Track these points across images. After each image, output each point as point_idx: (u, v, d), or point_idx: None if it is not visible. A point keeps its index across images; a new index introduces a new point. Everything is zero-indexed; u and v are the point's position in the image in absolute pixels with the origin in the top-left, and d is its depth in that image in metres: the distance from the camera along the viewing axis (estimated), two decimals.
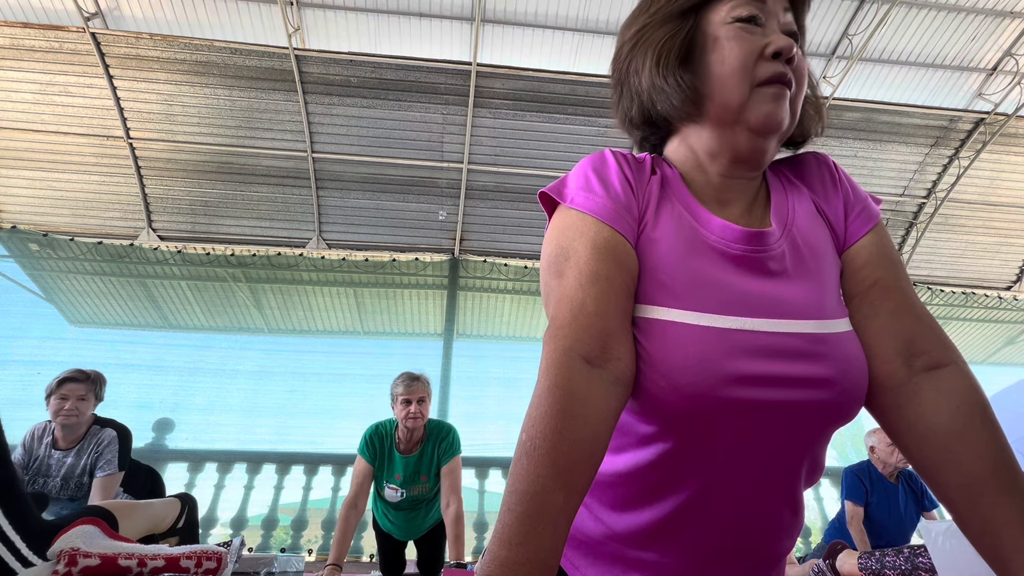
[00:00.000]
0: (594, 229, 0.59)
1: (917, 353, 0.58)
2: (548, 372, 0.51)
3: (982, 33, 5.92)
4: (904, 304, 0.60)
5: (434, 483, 2.76)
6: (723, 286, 0.58)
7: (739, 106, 0.60)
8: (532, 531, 0.45)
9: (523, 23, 5.73)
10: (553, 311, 0.56)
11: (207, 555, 1.25)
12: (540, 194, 0.69)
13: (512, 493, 0.46)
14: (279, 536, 4.59)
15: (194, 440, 5.13)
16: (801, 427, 0.57)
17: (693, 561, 0.60)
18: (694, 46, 0.63)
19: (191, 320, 7.02)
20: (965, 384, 0.56)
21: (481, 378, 6.25)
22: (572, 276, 0.56)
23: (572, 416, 0.49)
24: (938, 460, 0.55)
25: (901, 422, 0.58)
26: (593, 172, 0.65)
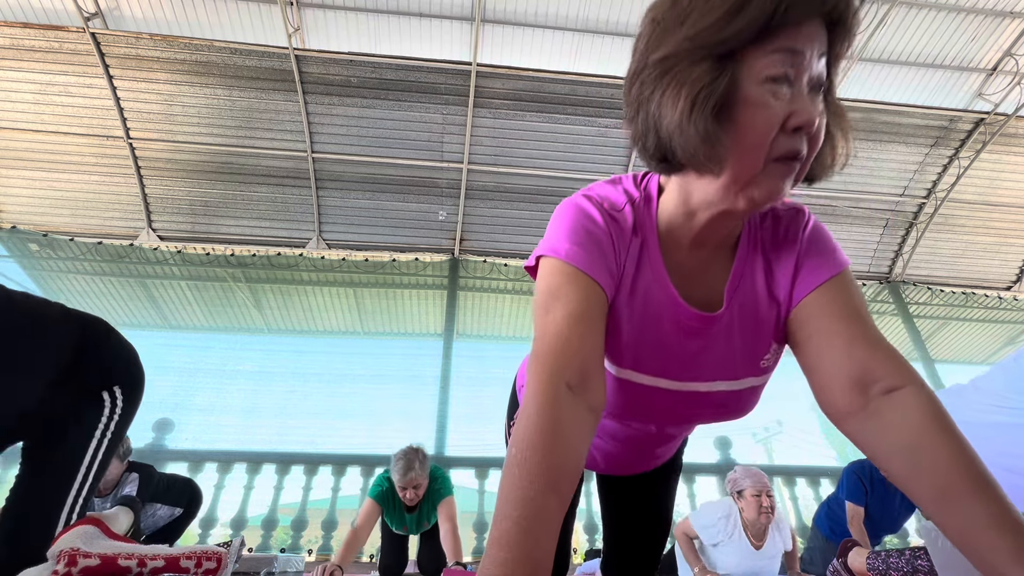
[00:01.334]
0: (579, 277, 0.68)
1: (873, 381, 0.65)
2: (536, 395, 0.58)
3: (982, 33, 5.92)
4: (855, 340, 0.68)
5: (435, 520, 2.93)
6: (669, 355, 0.78)
7: (751, 177, 0.62)
8: (529, 533, 0.49)
9: (523, 23, 5.73)
10: (539, 342, 0.64)
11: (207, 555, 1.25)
12: (527, 267, 0.78)
13: (507, 501, 0.51)
14: (279, 536, 4.59)
15: (194, 440, 5.13)
16: (695, 422, 0.97)
17: (615, 448, 1.05)
18: (726, 97, 0.59)
19: (191, 320, 7.02)
20: (922, 401, 0.62)
21: (481, 378, 6.24)
22: (559, 314, 0.65)
23: (559, 434, 0.55)
24: (908, 474, 0.60)
25: (869, 444, 0.65)
26: (580, 227, 0.72)
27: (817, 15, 0.57)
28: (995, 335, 7.84)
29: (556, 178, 6.62)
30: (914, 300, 7.42)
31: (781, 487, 5.16)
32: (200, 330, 7.06)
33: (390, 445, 5.29)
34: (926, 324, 7.41)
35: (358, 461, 4.91)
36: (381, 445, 5.34)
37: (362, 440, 5.47)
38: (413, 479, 2.70)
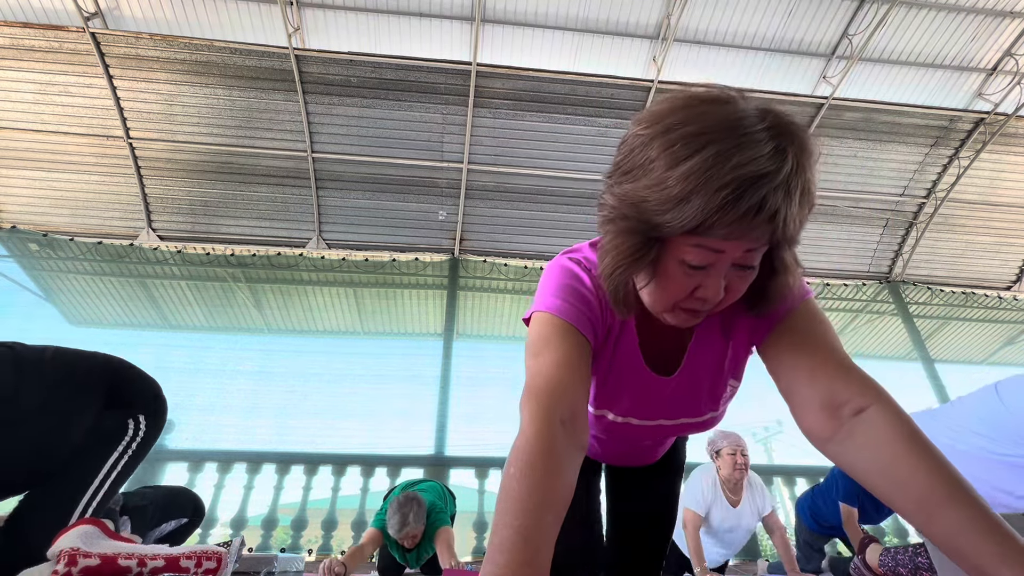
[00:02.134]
0: (568, 329, 0.76)
1: (840, 403, 0.70)
2: (534, 422, 0.63)
3: (982, 33, 5.92)
4: (819, 368, 0.73)
5: (433, 551, 2.98)
6: (639, 402, 0.94)
7: (658, 314, 0.75)
8: (529, 542, 0.52)
9: (523, 23, 5.73)
10: (532, 381, 0.70)
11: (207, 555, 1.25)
12: (523, 319, 0.86)
13: (508, 511, 0.55)
14: (279, 536, 4.59)
15: (194, 440, 5.13)
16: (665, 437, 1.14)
17: (607, 447, 1.16)
18: (647, 262, 0.68)
19: (191, 320, 7.01)
20: (889, 417, 0.65)
21: (481, 378, 6.24)
22: (550, 358, 0.72)
23: (556, 459, 0.61)
24: (887, 489, 0.63)
25: (849, 464, 0.69)
26: (568, 286, 0.81)
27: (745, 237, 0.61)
28: (995, 335, 7.84)
29: (556, 178, 6.62)
30: (914, 300, 7.42)
31: (781, 487, 5.16)
32: (200, 330, 7.06)
33: (390, 445, 5.33)
34: (926, 324, 7.41)
35: (358, 461, 4.91)
36: (381, 445, 5.34)
37: (362, 440, 5.47)
38: (408, 532, 2.75)
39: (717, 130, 0.57)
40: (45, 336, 6.46)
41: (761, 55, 6.03)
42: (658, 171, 0.60)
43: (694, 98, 0.61)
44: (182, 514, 2.88)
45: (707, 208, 0.57)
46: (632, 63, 6.03)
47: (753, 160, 0.55)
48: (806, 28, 5.85)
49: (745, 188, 0.55)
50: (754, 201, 0.56)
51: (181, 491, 3.06)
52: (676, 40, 5.81)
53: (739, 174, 0.55)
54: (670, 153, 0.59)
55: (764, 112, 0.59)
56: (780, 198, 0.57)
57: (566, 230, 6.97)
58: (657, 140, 0.60)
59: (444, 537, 2.83)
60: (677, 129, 0.59)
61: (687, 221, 0.59)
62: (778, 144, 0.57)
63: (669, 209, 0.60)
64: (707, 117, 0.58)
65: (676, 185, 0.58)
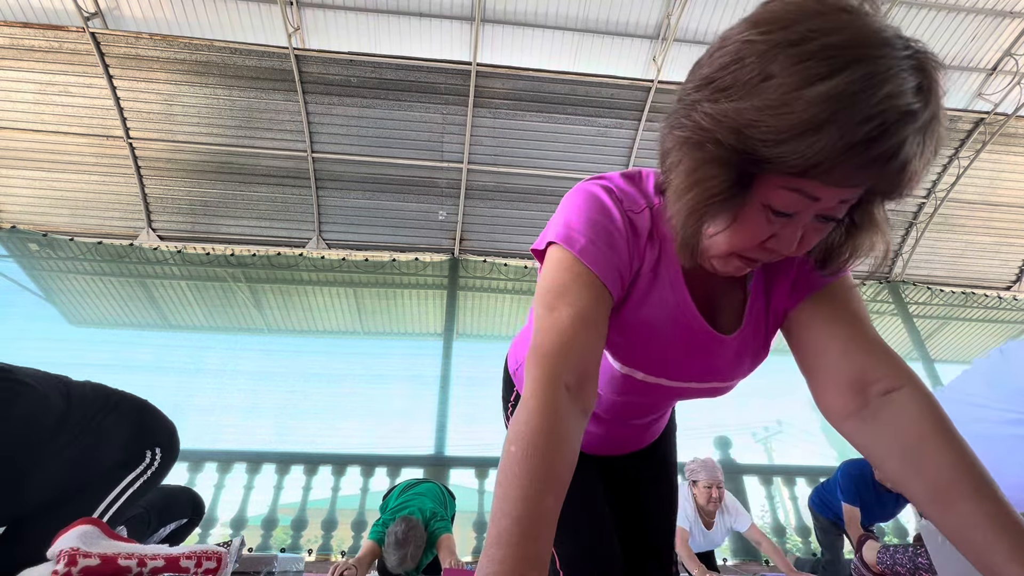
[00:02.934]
0: (590, 278, 0.67)
1: (871, 382, 0.66)
2: (537, 393, 0.58)
3: (982, 33, 5.92)
4: (851, 342, 0.68)
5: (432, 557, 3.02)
6: (673, 361, 0.81)
7: (715, 256, 0.66)
8: (528, 532, 0.49)
9: (523, 23, 5.73)
10: (542, 338, 0.63)
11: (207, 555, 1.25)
12: (534, 249, 0.78)
13: (506, 499, 0.51)
14: (279, 536, 4.59)
15: (194, 440, 5.13)
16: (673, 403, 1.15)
17: (604, 432, 1.08)
18: (742, 198, 0.59)
19: (191, 320, 7.02)
20: (919, 402, 0.62)
21: (481, 378, 6.24)
22: (565, 313, 0.64)
23: (559, 435, 0.56)
24: (905, 474, 0.61)
25: (867, 444, 0.66)
26: (597, 222, 0.70)
27: (858, 185, 0.54)
28: (995, 335, 7.84)
29: (556, 178, 6.62)
30: (914, 300, 7.42)
31: (781, 487, 5.15)
32: (200, 330, 7.06)
33: (390, 445, 5.33)
34: (926, 324, 7.41)
35: (358, 461, 4.91)
36: (381, 445, 5.34)
37: (362, 440, 5.48)
38: (407, 568, 2.77)
39: (865, 45, 0.47)
40: (45, 336, 6.48)
41: None
42: (781, 90, 0.48)
43: (827, 3, 0.50)
44: (181, 515, 2.88)
45: (840, 143, 0.47)
46: (632, 63, 6.03)
47: (902, 93, 0.46)
48: None
49: (890, 125, 0.47)
50: (894, 143, 0.47)
51: (179, 491, 3.05)
52: (676, 40, 5.81)
53: (888, 106, 0.46)
54: (803, 68, 0.47)
55: (903, 37, 0.50)
56: (917, 144, 0.49)
57: None
58: (784, 50, 0.48)
59: (447, 544, 2.85)
60: (815, 39, 0.47)
61: (806, 158, 0.49)
62: (921, 82, 0.48)
63: (788, 139, 0.49)
64: (851, 29, 0.48)
65: (806, 110, 0.47)
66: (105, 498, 1.56)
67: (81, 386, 1.58)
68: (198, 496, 3.04)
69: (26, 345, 6.31)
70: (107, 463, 1.59)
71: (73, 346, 6.62)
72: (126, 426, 1.65)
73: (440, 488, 3.34)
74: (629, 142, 6.45)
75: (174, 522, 2.83)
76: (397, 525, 2.77)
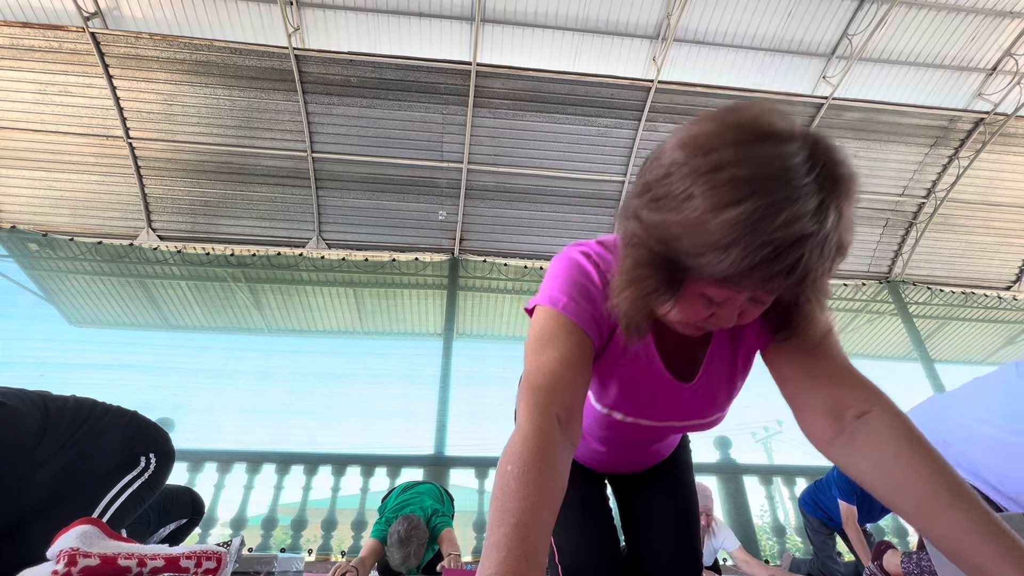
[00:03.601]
0: (572, 327, 0.76)
1: (844, 408, 0.72)
2: (531, 419, 0.65)
3: (982, 33, 5.92)
4: (821, 376, 0.75)
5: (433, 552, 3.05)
6: (651, 404, 0.93)
7: (672, 324, 0.74)
8: (526, 538, 0.53)
9: (523, 23, 5.73)
10: (532, 376, 0.71)
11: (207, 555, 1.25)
12: (525, 309, 0.87)
13: (504, 511, 0.56)
14: (279, 536, 4.59)
15: (194, 440, 5.14)
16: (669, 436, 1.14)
17: (611, 453, 1.15)
18: (673, 293, 0.67)
19: (191, 320, 7.02)
20: (889, 422, 0.67)
21: (481, 378, 6.25)
22: (554, 355, 0.72)
23: (551, 456, 0.62)
24: (889, 490, 0.65)
25: (852, 467, 0.70)
26: (576, 282, 0.80)
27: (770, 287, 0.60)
28: (995, 335, 7.84)
29: (556, 178, 6.62)
30: (914, 300, 7.42)
31: (781, 487, 5.16)
32: (200, 330, 7.06)
33: (390, 445, 5.33)
34: (926, 324, 7.41)
35: (358, 461, 4.90)
36: (381, 445, 5.34)
37: (362, 440, 5.48)
38: (409, 566, 2.78)
39: (768, 178, 0.53)
40: (47, 337, 6.48)
41: (761, 55, 6.03)
42: (698, 211, 0.56)
43: (744, 130, 0.56)
44: (181, 515, 2.88)
45: (744, 263, 0.55)
46: (632, 63, 6.03)
47: (798, 219, 0.53)
48: (806, 28, 5.86)
49: (784, 248, 0.54)
50: (790, 261, 0.55)
51: (179, 491, 3.05)
52: (676, 40, 5.81)
53: (783, 234, 0.53)
54: (716, 194, 0.54)
55: (814, 152, 0.55)
56: (815, 258, 0.56)
57: (566, 230, 6.97)
58: (702, 177, 0.56)
59: (448, 536, 2.88)
60: (726, 169, 0.54)
61: (719, 271, 0.56)
62: (824, 199, 0.54)
63: (703, 254, 0.57)
64: (758, 161, 0.54)
65: (717, 232, 0.54)
66: (102, 500, 1.61)
67: (62, 400, 1.64)
68: (198, 496, 3.03)
69: (26, 345, 6.31)
70: (100, 470, 1.65)
71: (73, 346, 6.63)
72: (116, 435, 1.70)
73: (439, 489, 3.34)
74: (629, 142, 6.45)
75: (174, 522, 2.84)
76: (400, 524, 2.78)
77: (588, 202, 6.84)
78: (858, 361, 0.80)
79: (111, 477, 1.66)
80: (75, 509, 1.52)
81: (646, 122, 6.27)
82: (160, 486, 1.90)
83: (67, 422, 1.58)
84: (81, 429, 1.60)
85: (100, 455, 1.64)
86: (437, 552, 2.98)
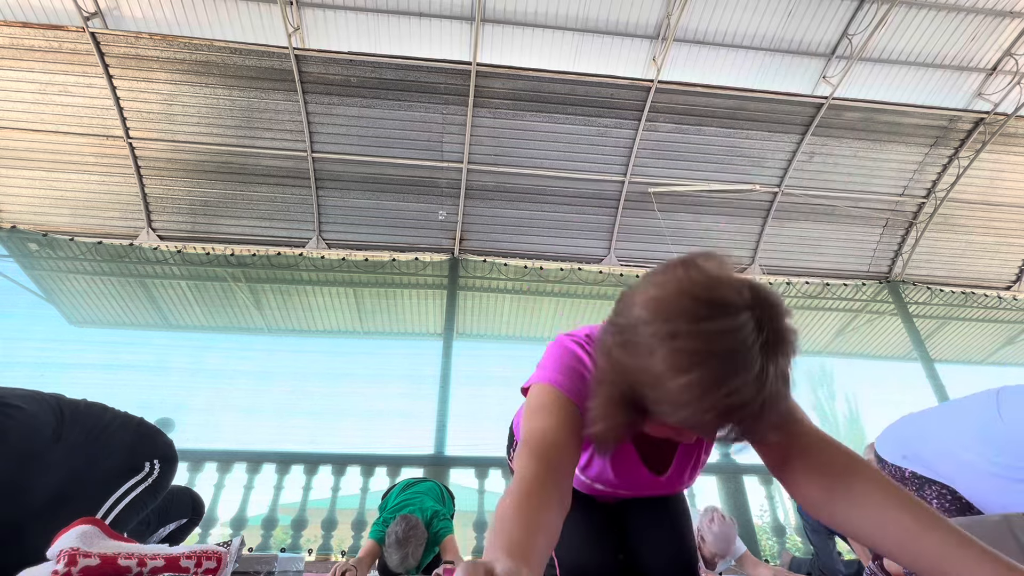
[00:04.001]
0: (564, 400, 0.86)
1: (827, 475, 0.80)
2: (528, 465, 0.72)
3: (982, 33, 5.92)
4: (799, 454, 0.83)
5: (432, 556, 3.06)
6: (624, 481, 1.11)
7: None
8: (525, 546, 0.59)
9: (523, 23, 5.73)
10: (528, 437, 0.79)
11: (207, 555, 1.25)
12: (521, 389, 1.00)
13: (501, 531, 0.61)
14: (279, 536, 4.59)
15: (194, 440, 5.13)
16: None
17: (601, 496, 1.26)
18: (639, 425, 0.79)
19: (191, 320, 7.02)
20: (866, 480, 0.75)
21: (481, 377, 6.24)
22: (549, 420, 0.82)
23: (547, 494, 0.69)
24: (876, 538, 0.72)
25: (841, 524, 0.77)
26: (567, 364, 0.92)
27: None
28: (995, 335, 7.84)
29: (556, 178, 6.62)
30: (914, 300, 7.42)
31: (781, 487, 5.15)
32: (200, 330, 7.06)
33: (390, 445, 5.33)
34: (926, 324, 7.41)
35: (358, 461, 4.91)
36: (381, 445, 5.34)
37: (362, 440, 5.47)
38: (408, 567, 2.77)
39: (716, 353, 0.62)
40: (47, 337, 6.47)
41: (761, 55, 6.03)
42: (657, 368, 0.65)
43: (699, 301, 0.64)
44: (181, 515, 2.88)
45: (694, 419, 0.65)
46: (632, 63, 6.03)
47: (738, 390, 0.62)
48: (806, 28, 5.85)
49: (727, 413, 0.64)
50: (734, 419, 0.66)
51: (179, 491, 3.05)
52: (676, 40, 5.81)
53: (725, 403, 0.63)
54: (672, 360, 0.64)
55: (760, 321, 0.64)
56: (752, 419, 0.66)
57: (565, 230, 6.97)
58: (662, 340, 0.65)
59: (451, 546, 2.88)
60: (680, 339, 0.64)
61: (674, 420, 0.67)
62: (764, 364, 0.63)
63: (660, 403, 0.67)
64: (708, 336, 0.63)
65: (673, 392, 0.65)
66: (106, 501, 1.63)
67: (75, 404, 1.67)
68: (198, 496, 3.03)
69: (26, 345, 6.31)
70: (106, 474, 1.68)
71: (73, 346, 6.62)
72: (123, 440, 1.74)
73: (439, 486, 3.33)
74: (629, 142, 6.44)
75: (174, 522, 2.84)
76: (398, 524, 2.76)
77: (588, 202, 6.84)
78: (858, 361, 0.81)
79: (116, 481, 1.69)
80: (79, 511, 1.52)
81: (646, 122, 6.27)
82: (163, 491, 1.94)
83: (79, 427, 1.61)
84: (92, 434, 1.63)
85: (107, 460, 1.67)
86: (436, 555, 2.98)
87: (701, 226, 7.08)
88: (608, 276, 7.09)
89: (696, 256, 0.71)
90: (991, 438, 1.44)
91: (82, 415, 1.65)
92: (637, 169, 6.62)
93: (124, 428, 1.77)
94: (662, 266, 0.73)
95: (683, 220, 7.02)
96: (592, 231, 7.03)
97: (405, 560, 2.72)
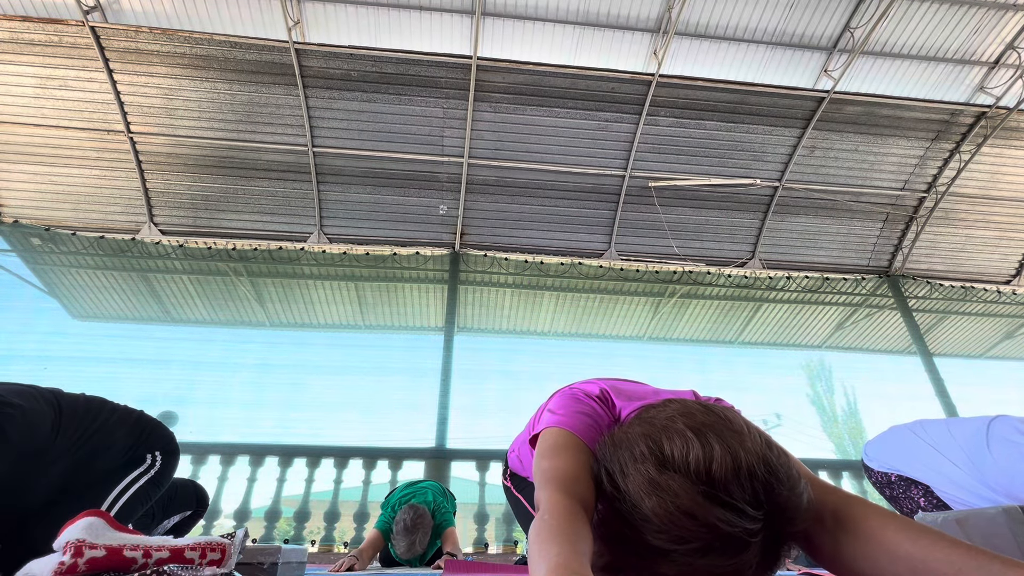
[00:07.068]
0: (577, 441, 0.88)
1: (836, 521, 0.80)
2: (558, 495, 0.73)
3: (984, 26, 5.89)
4: (821, 513, 0.81)
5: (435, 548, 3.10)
6: None
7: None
8: (574, 553, 0.60)
9: (524, 16, 5.71)
10: (551, 474, 0.80)
11: (211, 546, 1.27)
12: (528, 440, 1.04)
13: (542, 551, 0.62)
14: (282, 527, 4.64)
15: (197, 433, 5.17)
16: None
17: None
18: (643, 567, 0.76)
19: (193, 314, 7.04)
20: (873, 517, 0.76)
21: (482, 371, 6.27)
22: (568, 459, 0.83)
23: (581, 519, 0.69)
24: (886, 568, 0.72)
25: (858, 569, 0.77)
26: (575, 410, 0.95)
27: None
28: (994, 329, 7.85)
29: (557, 172, 6.61)
30: (913, 294, 7.42)
31: None
32: (202, 324, 7.09)
33: (391, 438, 5.37)
34: (925, 318, 7.41)
35: (360, 453, 4.95)
36: (382, 438, 5.38)
37: (364, 433, 5.51)
38: (416, 548, 2.82)
39: (708, 536, 0.63)
40: (50, 331, 6.51)
41: (762, 49, 6.00)
42: (648, 532, 0.67)
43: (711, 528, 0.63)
44: (186, 507, 2.92)
45: None
46: (633, 57, 6.01)
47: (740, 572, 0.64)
48: (808, 21, 5.83)
49: None
50: None
51: (182, 484, 3.09)
52: (677, 34, 5.79)
53: None
54: (664, 531, 0.65)
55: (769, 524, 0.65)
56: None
57: (566, 224, 6.98)
58: (657, 517, 0.65)
59: (451, 538, 2.95)
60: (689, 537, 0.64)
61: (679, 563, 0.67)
62: (765, 546, 0.65)
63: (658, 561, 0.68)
64: (707, 514, 0.63)
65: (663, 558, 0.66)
66: (109, 494, 1.65)
67: (73, 398, 1.67)
68: (202, 488, 3.07)
69: (29, 339, 6.34)
70: (108, 467, 1.70)
71: (76, 340, 6.65)
72: (124, 433, 1.75)
73: (441, 487, 3.40)
74: (630, 136, 6.44)
75: (178, 514, 2.87)
76: (405, 512, 2.83)
77: (589, 196, 6.84)
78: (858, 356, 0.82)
79: (118, 474, 1.71)
80: (82, 504, 1.54)
81: (647, 116, 6.26)
82: (166, 483, 1.95)
83: (78, 421, 1.61)
84: (91, 428, 1.64)
85: (108, 453, 1.68)
86: (438, 549, 3.02)
87: (701, 220, 7.09)
88: (608, 270, 7.11)
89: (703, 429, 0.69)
90: (978, 468, 1.48)
91: (81, 409, 1.65)
92: (638, 163, 6.61)
93: (124, 421, 1.78)
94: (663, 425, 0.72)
95: (684, 214, 7.02)
96: (593, 225, 7.04)
97: (412, 547, 2.77)
